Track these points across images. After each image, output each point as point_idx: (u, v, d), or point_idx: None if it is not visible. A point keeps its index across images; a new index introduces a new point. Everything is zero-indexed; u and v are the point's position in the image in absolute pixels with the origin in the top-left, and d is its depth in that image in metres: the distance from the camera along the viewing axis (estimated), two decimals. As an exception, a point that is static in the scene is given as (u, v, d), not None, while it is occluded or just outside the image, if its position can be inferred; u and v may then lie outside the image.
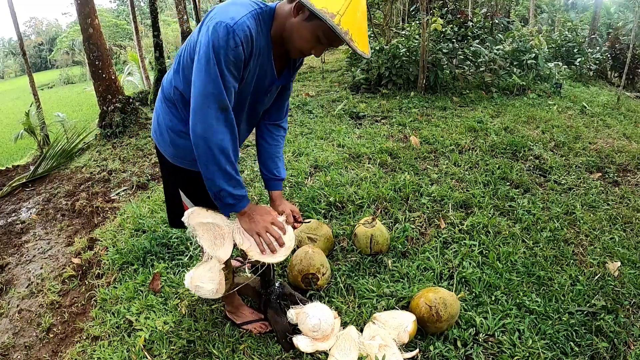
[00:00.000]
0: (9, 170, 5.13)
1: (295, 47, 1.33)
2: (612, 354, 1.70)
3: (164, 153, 1.53)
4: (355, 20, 1.23)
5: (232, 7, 1.26)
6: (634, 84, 9.62)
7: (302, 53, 1.35)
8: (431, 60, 6.21)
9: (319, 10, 1.17)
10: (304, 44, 1.30)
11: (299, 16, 1.27)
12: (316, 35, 1.27)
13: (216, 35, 1.21)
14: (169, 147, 1.49)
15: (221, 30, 1.20)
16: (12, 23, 6.92)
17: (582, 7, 21.23)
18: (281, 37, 1.34)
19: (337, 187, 2.99)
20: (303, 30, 1.27)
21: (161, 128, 1.49)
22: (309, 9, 1.19)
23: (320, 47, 1.33)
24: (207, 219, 1.53)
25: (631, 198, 2.95)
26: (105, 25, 31.25)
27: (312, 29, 1.26)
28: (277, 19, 1.33)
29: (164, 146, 1.51)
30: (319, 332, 1.67)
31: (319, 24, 1.22)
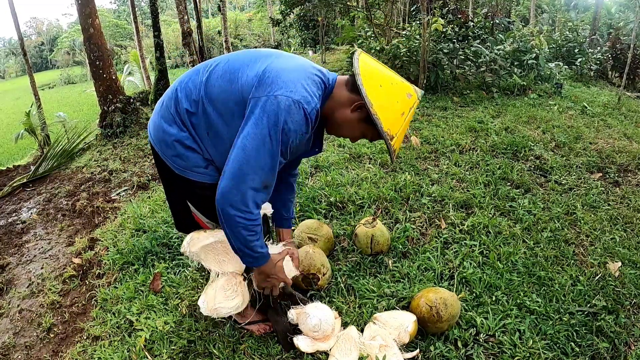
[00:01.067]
0: (10, 170, 5.14)
1: (338, 133, 1.41)
2: (612, 354, 1.70)
3: (170, 164, 1.45)
4: (402, 137, 1.37)
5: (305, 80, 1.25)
6: (635, 84, 9.60)
7: (341, 136, 1.45)
8: (432, 61, 6.21)
9: (384, 131, 1.28)
10: (349, 135, 1.40)
11: (356, 113, 1.32)
12: (364, 134, 1.38)
13: (291, 113, 1.20)
14: (176, 159, 1.42)
15: (296, 113, 1.20)
16: (13, 23, 6.93)
17: (583, 7, 21.21)
18: (326, 116, 1.37)
19: (337, 187, 2.99)
20: (355, 127, 1.35)
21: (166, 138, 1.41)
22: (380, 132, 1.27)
23: (359, 138, 1.42)
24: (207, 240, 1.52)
25: (632, 198, 2.94)
26: (106, 26, 31.29)
27: (364, 129, 1.35)
28: (331, 99, 1.35)
29: (170, 157, 1.43)
30: (319, 332, 1.67)
31: (372, 128, 1.31)
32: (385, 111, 1.27)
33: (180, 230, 1.72)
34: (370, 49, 7.13)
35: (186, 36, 7.62)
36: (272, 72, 1.25)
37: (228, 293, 1.55)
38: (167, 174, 1.50)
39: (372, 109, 1.26)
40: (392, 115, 1.29)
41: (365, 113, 1.29)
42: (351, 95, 1.32)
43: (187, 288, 2.11)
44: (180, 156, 1.40)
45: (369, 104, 1.26)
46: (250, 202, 1.27)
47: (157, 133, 1.44)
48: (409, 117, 1.34)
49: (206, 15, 34.69)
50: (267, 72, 1.25)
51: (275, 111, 1.19)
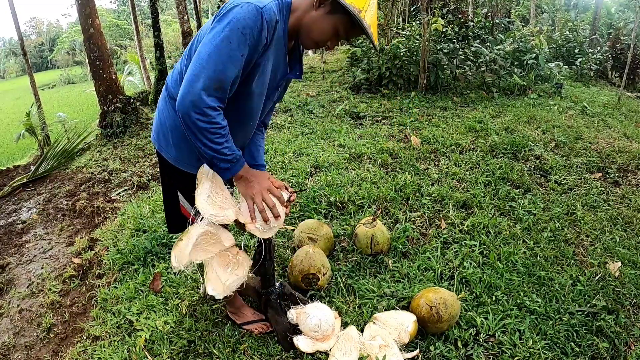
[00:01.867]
0: (10, 170, 5.14)
1: (312, 40, 1.36)
2: (612, 354, 1.70)
3: (165, 155, 1.50)
4: (373, 16, 1.33)
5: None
6: (635, 84, 9.61)
7: (317, 45, 1.38)
8: (432, 61, 6.21)
9: (348, 4, 1.24)
10: (322, 36, 1.34)
11: (320, 9, 1.31)
12: (336, 28, 1.33)
13: (243, 14, 1.19)
14: (171, 149, 1.47)
15: (250, 10, 1.19)
16: (13, 23, 6.92)
17: (583, 7, 21.21)
18: (296, 30, 1.36)
19: (337, 187, 2.99)
20: (324, 23, 1.32)
21: (164, 128, 1.47)
22: (340, 2, 1.24)
23: (336, 40, 1.37)
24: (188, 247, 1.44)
25: (632, 198, 2.94)
26: (106, 26, 31.29)
27: (334, 22, 1.31)
28: (294, 11, 1.34)
29: (166, 148, 1.48)
30: (319, 332, 1.67)
31: (341, 18, 1.29)
32: None
33: (173, 232, 1.72)
34: (370, 49, 7.13)
35: (186, 36, 7.62)
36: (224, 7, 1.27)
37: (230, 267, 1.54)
38: (165, 167, 1.55)
39: None
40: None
41: (328, 6, 1.29)
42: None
43: (187, 288, 2.12)
44: (175, 145, 1.45)
45: None
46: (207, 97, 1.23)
47: (157, 126, 1.51)
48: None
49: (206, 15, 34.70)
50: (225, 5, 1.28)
51: (227, 15, 1.21)
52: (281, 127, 4.85)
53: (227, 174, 1.37)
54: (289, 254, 2.32)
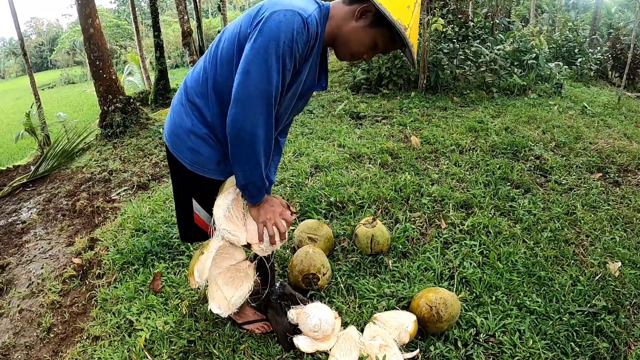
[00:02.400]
0: (10, 170, 5.14)
1: (348, 50, 1.31)
2: (612, 355, 1.70)
3: (180, 158, 1.42)
4: (416, 34, 1.28)
5: (296, 1, 1.20)
6: (635, 84, 9.61)
7: (352, 56, 1.33)
8: (432, 60, 6.21)
9: (395, 20, 1.19)
10: (360, 48, 1.30)
11: (361, 20, 1.26)
12: (376, 41, 1.28)
13: (286, 21, 1.14)
14: (187, 153, 1.40)
15: (296, 20, 1.14)
16: (13, 23, 6.93)
17: (583, 7, 21.21)
18: (332, 39, 1.31)
19: (337, 187, 2.99)
20: (364, 36, 1.27)
21: (180, 130, 1.40)
22: (389, 19, 1.19)
23: (373, 53, 1.33)
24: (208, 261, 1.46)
25: (632, 198, 2.94)
26: (106, 26, 31.30)
27: (374, 35, 1.27)
28: (331, 18, 1.29)
29: (181, 151, 1.41)
30: (319, 332, 1.67)
31: (383, 31, 1.25)
32: (389, 2, 1.21)
33: (186, 240, 1.71)
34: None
35: (186, 36, 7.62)
36: (264, 4, 1.23)
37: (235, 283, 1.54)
38: (179, 171, 1.47)
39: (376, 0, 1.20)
40: (398, 7, 1.22)
41: (370, 17, 1.24)
42: (351, 6, 1.27)
43: (187, 288, 2.11)
44: (193, 149, 1.39)
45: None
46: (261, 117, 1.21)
47: (171, 128, 1.43)
48: (417, 13, 1.27)
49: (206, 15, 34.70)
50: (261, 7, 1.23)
51: (270, 26, 1.14)
52: (281, 127, 4.84)
53: (255, 201, 1.39)
54: (289, 254, 2.32)
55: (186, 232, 1.64)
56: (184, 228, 1.64)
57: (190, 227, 1.59)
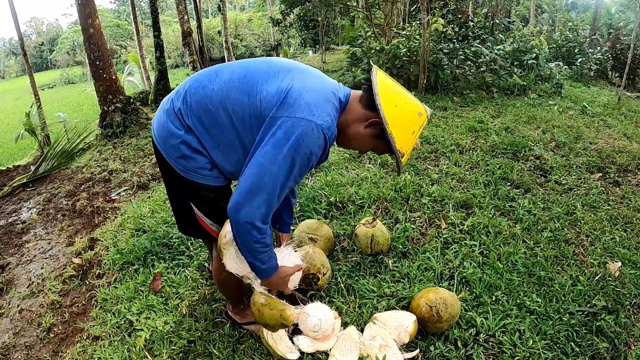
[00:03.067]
0: (10, 170, 5.14)
1: (348, 145, 1.46)
2: (612, 355, 1.70)
3: (174, 165, 1.42)
4: (410, 152, 1.42)
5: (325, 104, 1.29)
6: (635, 84, 9.60)
7: (351, 148, 1.48)
8: (432, 61, 6.21)
9: (397, 149, 1.33)
10: (359, 148, 1.46)
11: (369, 129, 1.36)
12: (374, 148, 1.43)
13: (311, 137, 1.24)
14: (180, 160, 1.40)
15: (317, 137, 1.25)
16: (13, 23, 6.92)
17: (583, 7, 21.21)
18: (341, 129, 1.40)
19: (337, 187, 2.99)
20: (367, 142, 1.40)
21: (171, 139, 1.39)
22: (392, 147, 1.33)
23: (368, 151, 1.48)
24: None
25: (632, 198, 2.94)
26: (106, 26, 31.30)
27: (376, 144, 1.41)
28: (346, 113, 1.39)
29: (174, 158, 1.41)
30: (319, 332, 1.67)
31: (383, 144, 1.37)
32: (398, 130, 1.33)
33: (184, 232, 1.70)
34: (370, 49, 7.13)
35: (186, 36, 7.62)
36: (294, 92, 1.27)
37: None
38: (170, 175, 1.47)
39: (388, 128, 1.31)
40: (405, 134, 1.35)
41: (378, 130, 1.34)
42: (365, 111, 1.36)
43: (187, 288, 2.12)
44: (186, 158, 1.39)
45: (386, 123, 1.31)
46: (260, 218, 1.31)
47: (162, 133, 1.41)
48: (418, 135, 1.41)
49: (206, 15, 34.69)
50: (290, 91, 1.28)
51: (298, 135, 1.23)
52: (281, 127, 4.84)
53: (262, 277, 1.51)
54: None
55: (187, 227, 1.64)
56: (183, 223, 1.63)
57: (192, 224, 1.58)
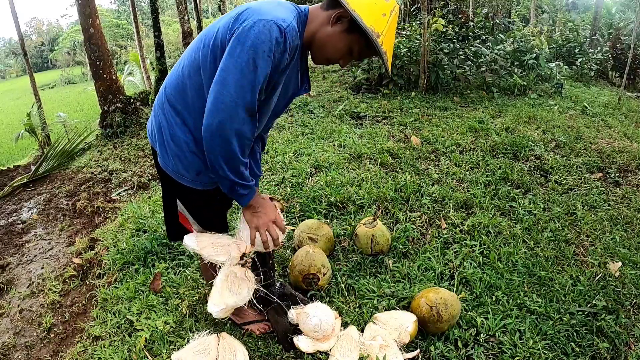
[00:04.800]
0: (10, 170, 5.14)
1: (324, 55, 1.32)
2: (612, 355, 1.70)
3: (163, 166, 1.43)
4: (390, 43, 1.29)
5: (277, 8, 1.21)
6: (635, 84, 9.59)
7: (328, 61, 1.35)
8: (432, 61, 6.21)
9: (367, 27, 1.20)
10: (335, 54, 1.31)
11: (337, 26, 1.26)
12: (350, 47, 1.29)
13: (266, 33, 1.14)
14: (169, 160, 1.40)
15: (273, 29, 1.14)
16: (14, 23, 6.93)
17: (583, 7, 21.20)
18: (309, 42, 1.31)
19: (338, 187, 2.99)
20: (338, 41, 1.28)
21: (162, 136, 1.40)
22: (361, 25, 1.20)
23: (348, 58, 1.34)
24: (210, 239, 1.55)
25: (632, 198, 2.94)
26: (107, 26, 31.28)
27: (349, 41, 1.27)
28: (309, 24, 1.30)
29: (164, 157, 1.41)
30: (319, 332, 1.67)
31: (357, 38, 1.25)
32: (364, 9, 1.22)
33: (173, 239, 1.70)
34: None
35: (186, 36, 7.62)
36: (245, 13, 1.21)
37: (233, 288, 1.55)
38: (163, 174, 1.49)
39: (349, 6, 1.21)
40: (373, 14, 1.23)
41: (346, 24, 1.25)
42: (328, 12, 1.28)
43: (188, 288, 2.12)
44: (174, 156, 1.39)
45: (345, 2, 1.21)
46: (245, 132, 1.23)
47: (153, 132, 1.44)
48: (392, 21, 1.28)
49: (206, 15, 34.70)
50: (240, 14, 1.22)
51: (249, 35, 1.15)
52: (281, 127, 4.85)
53: (246, 200, 1.37)
54: (289, 254, 2.32)
55: (173, 231, 1.65)
56: (170, 227, 1.65)
57: (176, 225, 1.60)
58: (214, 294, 1.52)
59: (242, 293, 1.54)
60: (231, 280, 1.56)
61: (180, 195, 1.52)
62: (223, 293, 1.52)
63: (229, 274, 1.55)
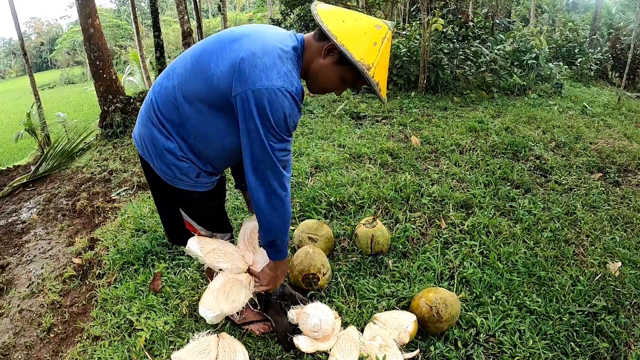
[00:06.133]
0: (10, 170, 5.14)
1: (318, 86, 1.35)
2: (612, 355, 1.70)
3: (162, 175, 1.42)
4: (383, 72, 1.29)
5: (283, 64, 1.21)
6: (635, 84, 9.59)
7: (323, 91, 1.38)
8: (432, 60, 6.21)
9: (357, 61, 1.21)
10: (329, 84, 1.33)
11: (328, 58, 1.28)
12: (344, 78, 1.31)
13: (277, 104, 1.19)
14: (167, 169, 1.39)
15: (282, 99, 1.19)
16: (13, 23, 6.92)
17: (583, 7, 21.21)
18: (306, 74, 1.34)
19: (337, 187, 2.99)
20: (331, 73, 1.30)
21: (154, 149, 1.38)
22: (350, 60, 1.21)
23: (343, 87, 1.36)
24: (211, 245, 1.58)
25: (632, 198, 2.94)
26: (106, 26, 31.26)
27: (342, 73, 1.29)
28: (305, 56, 1.32)
29: (162, 168, 1.40)
30: (319, 332, 1.67)
31: (349, 69, 1.26)
32: (353, 42, 1.21)
33: (175, 243, 1.69)
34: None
35: (186, 36, 7.61)
36: (245, 62, 1.20)
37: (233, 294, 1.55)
38: (157, 183, 1.47)
39: (338, 40, 1.20)
40: (363, 46, 1.22)
41: (337, 56, 1.25)
42: (320, 43, 1.28)
43: (187, 288, 2.12)
44: (170, 166, 1.38)
45: (333, 37, 1.20)
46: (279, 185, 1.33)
47: (144, 142, 1.41)
48: (385, 48, 1.27)
49: (206, 15, 34.69)
50: (241, 63, 1.20)
51: (265, 107, 1.19)
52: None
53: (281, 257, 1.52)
54: (289, 254, 2.31)
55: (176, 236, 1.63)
56: (172, 232, 1.64)
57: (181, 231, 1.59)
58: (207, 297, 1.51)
59: (238, 300, 1.56)
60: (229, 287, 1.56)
61: (182, 203, 1.51)
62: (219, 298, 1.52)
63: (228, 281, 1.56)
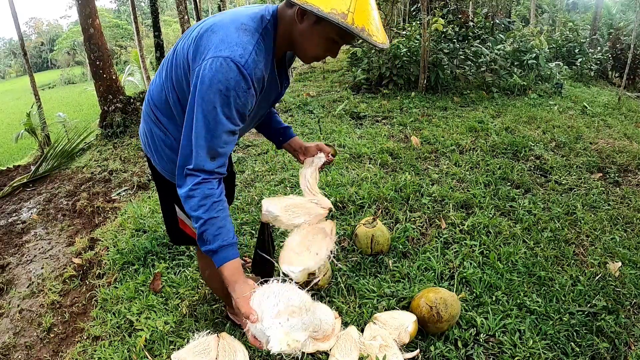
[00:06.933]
0: (10, 170, 5.14)
1: (307, 54, 1.23)
2: (612, 355, 1.70)
3: (161, 171, 1.43)
4: (368, 13, 1.12)
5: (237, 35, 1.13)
6: (635, 84, 9.59)
7: (316, 59, 1.25)
8: (432, 61, 6.21)
9: (327, 14, 1.07)
10: (317, 50, 1.21)
11: (304, 22, 1.15)
12: (329, 37, 1.17)
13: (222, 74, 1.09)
14: (166, 164, 1.40)
15: (229, 70, 1.09)
16: (13, 23, 6.92)
17: (584, 7, 21.21)
18: (287, 44, 1.24)
19: (338, 187, 2.99)
20: (314, 36, 1.17)
21: (155, 144, 1.39)
22: (315, 14, 1.07)
23: (335, 48, 1.22)
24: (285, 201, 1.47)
25: (632, 198, 2.94)
26: (106, 26, 31.27)
27: (324, 32, 1.15)
28: (280, 25, 1.22)
29: (160, 162, 1.41)
30: (319, 332, 1.67)
31: (330, 26, 1.12)
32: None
33: (177, 243, 1.69)
34: (370, 49, 7.13)
35: (186, 36, 7.61)
36: (202, 37, 1.16)
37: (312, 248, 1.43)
38: (158, 179, 1.49)
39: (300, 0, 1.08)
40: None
41: (313, 17, 1.12)
42: (292, 9, 1.17)
43: (187, 288, 2.12)
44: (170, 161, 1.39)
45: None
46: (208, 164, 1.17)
47: (146, 139, 1.44)
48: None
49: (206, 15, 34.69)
50: (198, 39, 1.17)
51: (207, 79, 1.10)
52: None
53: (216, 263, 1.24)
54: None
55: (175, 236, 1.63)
56: (173, 232, 1.63)
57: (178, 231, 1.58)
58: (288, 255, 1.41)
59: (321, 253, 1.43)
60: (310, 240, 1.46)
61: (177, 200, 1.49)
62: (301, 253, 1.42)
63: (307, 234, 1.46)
